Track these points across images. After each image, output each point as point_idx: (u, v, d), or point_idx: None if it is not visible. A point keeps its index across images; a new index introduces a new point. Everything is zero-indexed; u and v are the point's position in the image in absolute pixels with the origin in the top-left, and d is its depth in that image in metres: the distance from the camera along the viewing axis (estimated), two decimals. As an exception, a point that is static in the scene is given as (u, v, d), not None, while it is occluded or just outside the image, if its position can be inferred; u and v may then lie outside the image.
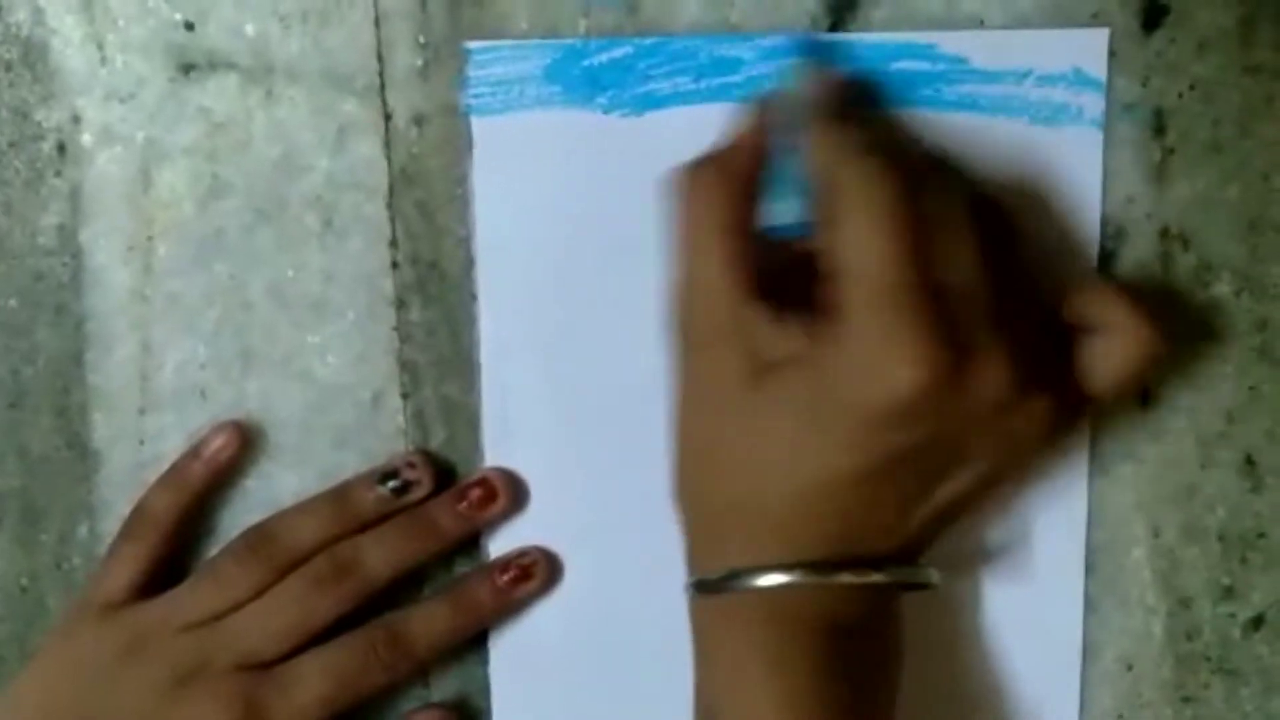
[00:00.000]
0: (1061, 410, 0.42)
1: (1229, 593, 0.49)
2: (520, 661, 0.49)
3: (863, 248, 0.40)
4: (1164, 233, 0.47)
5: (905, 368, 0.39)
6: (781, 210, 0.44)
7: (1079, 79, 0.46)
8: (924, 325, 0.39)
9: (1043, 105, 0.46)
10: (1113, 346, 0.43)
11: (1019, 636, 0.49)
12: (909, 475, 0.41)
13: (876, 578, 0.42)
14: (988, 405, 0.40)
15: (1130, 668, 0.49)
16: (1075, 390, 0.43)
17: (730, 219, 0.42)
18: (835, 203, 0.41)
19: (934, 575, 0.43)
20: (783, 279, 0.42)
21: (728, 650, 0.43)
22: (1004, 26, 0.46)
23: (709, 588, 0.43)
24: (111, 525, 0.49)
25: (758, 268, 0.42)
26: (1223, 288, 0.47)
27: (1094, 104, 0.46)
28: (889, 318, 0.39)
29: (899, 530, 0.42)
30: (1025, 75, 0.46)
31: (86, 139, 0.48)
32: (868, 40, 0.46)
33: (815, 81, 0.45)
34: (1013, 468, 0.43)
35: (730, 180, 0.43)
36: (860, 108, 0.45)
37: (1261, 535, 0.49)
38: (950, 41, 0.46)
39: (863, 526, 0.42)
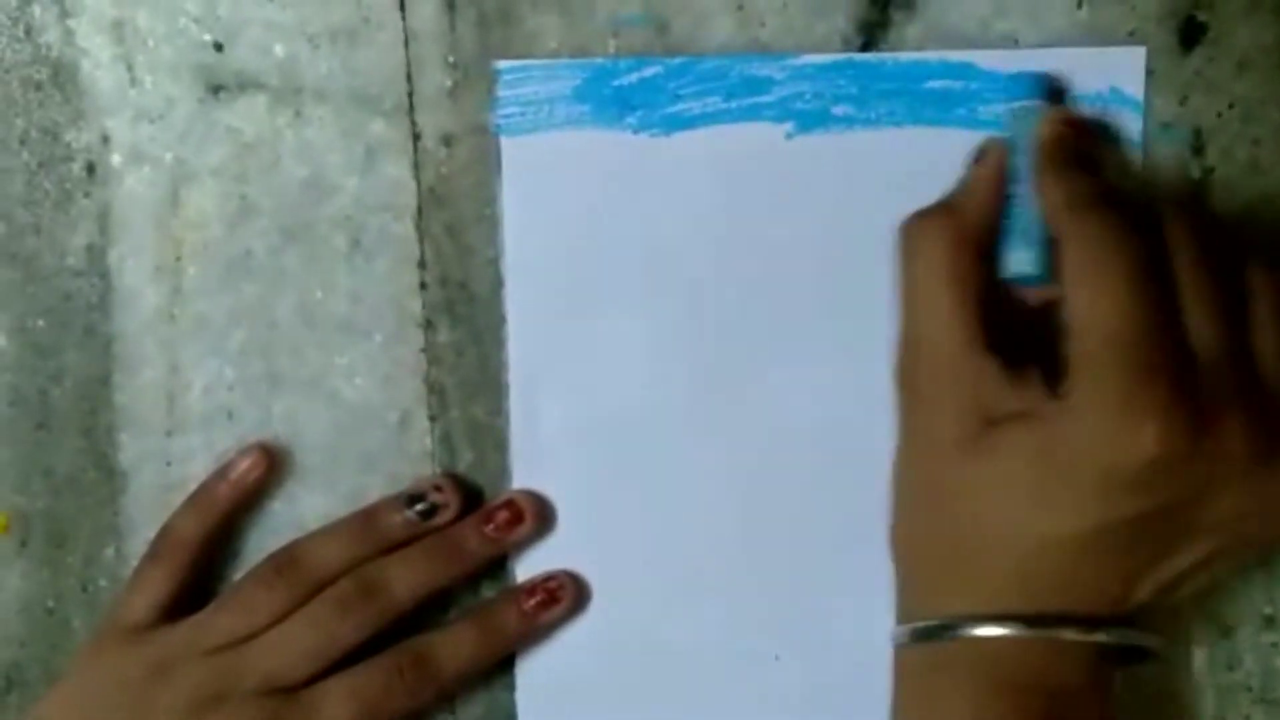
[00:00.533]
0: None
1: (1270, 622, 0.48)
2: (547, 687, 0.49)
3: (1099, 305, 0.38)
4: (1203, 254, 0.46)
5: (1146, 433, 0.38)
6: (1019, 260, 0.42)
7: (1116, 98, 0.45)
8: (1165, 387, 0.38)
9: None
10: None
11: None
12: (1138, 543, 0.40)
13: (1098, 637, 0.40)
14: (1232, 473, 0.39)
15: (1172, 699, 0.48)
16: None
17: (960, 269, 0.41)
18: (1070, 257, 0.39)
19: (1156, 642, 0.42)
20: (1019, 331, 0.41)
21: (933, 704, 0.41)
22: (1039, 45, 0.45)
23: (922, 635, 0.41)
24: (138, 547, 0.49)
25: (992, 319, 0.41)
26: (1263, 310, 0.46)
27: (1132, 123, 0.45)
28: (1129, 378, 0.38)
29: (1125, 597, 0.41)
30: (1062, 94, 0.45)
31: (115, 159, 0.47)
32: (902, 59, 0.45)
33: (1048, 125, 0.43)
34: (1246, 544, 0.42)
35: (960, 229, 0.42)
36: (1099, 151, 0.44)
37: (1304, 563, 0.48)
38: (986, 60, 0.45)
39: (1086, 589, 0.40)
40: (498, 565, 0.48)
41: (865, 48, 0.45)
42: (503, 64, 0.46)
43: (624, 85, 0.46)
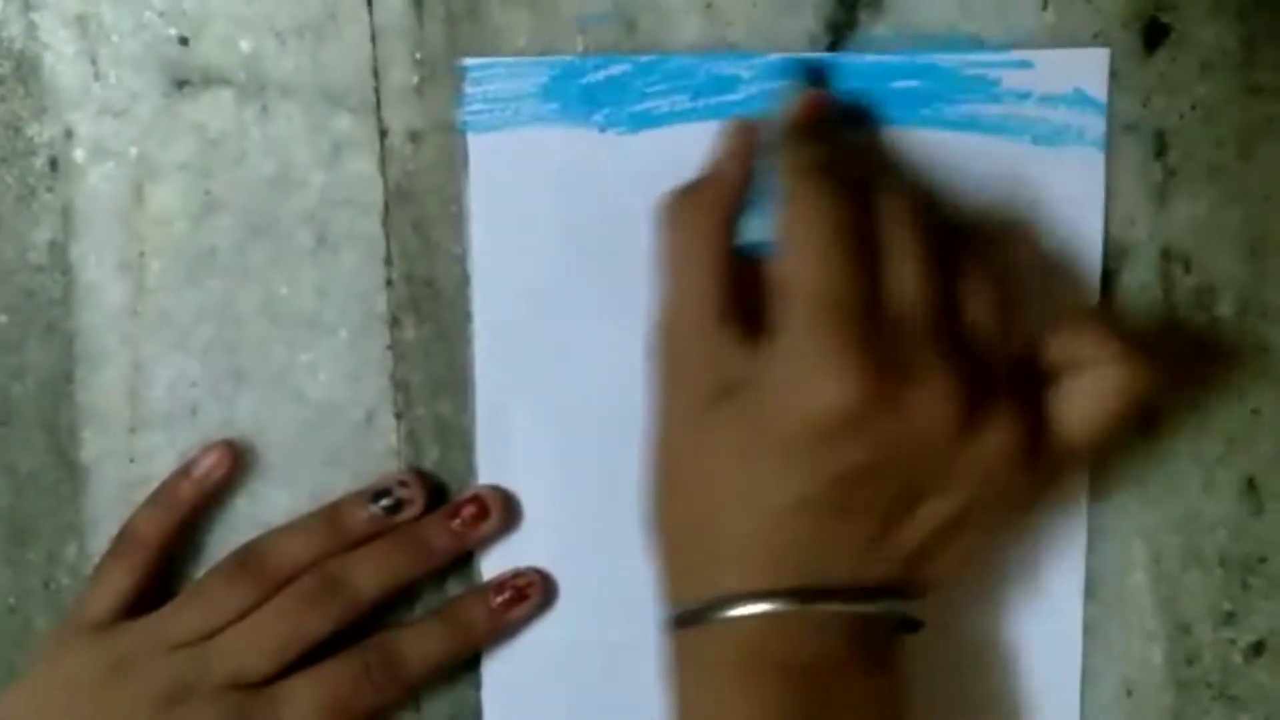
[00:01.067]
0: (1031, 446, 0.41)
1: (1230, 618, 0.49)
2: (513, 685, 0.49)
3: (799, 264, 0.40)
4: (1165, 254, 0.47)
5: (830, 383, 0.38)
6: (760, 227, 0.43)
7: (1080, 99, 0.45)
8: (854, 343, 0.39)
9: (1044, 125, 0.46)
10: (1095, 381, 0.41)
11: (1019, 661, 0.48)
12: (865, 503, 0.40)
13: (857, 608, 0.40)
14: (934, 432, 0.39)
15: (1130, 694, 0.49)
16: (1059, 430, 0.42)
17: (708, 244, 0.42)
18: (781, 217, 0.41)
19: (916, 611, 0.42)
20: (758, 299, 0.42)
21: (703, 689, 0.41)
22: (1005, 46, 0.45)
23: (685, 621, 0.42)
24: (100, 544, 0.48)
25: (740, 289, 0.42)
26: (1224, 309, 0.47)
27: (1095, 124, 0.46)
28: (820, 335, 0.39)
29: (875, 563, 0.41)
30: (1026, 95, 0.45)
31: (79, 154, 0.47)
32: (868, 59, 0.45)
33: (795, 101, 0.44)
34: (992, 502, 0.41)
35: (711, 206, 0.43)
36: (848, 128, 0.45)
37: (1263, 560, 0.48)
38: (951, 61, 0.45)
39: (834, 557, 0.40)
40: (464, 562, 0.48)
41: (833, 47, 0.46)
42: (469, 61, 0.46)
43: (591, 83, 0.46)
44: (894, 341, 0.39)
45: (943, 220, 0.42)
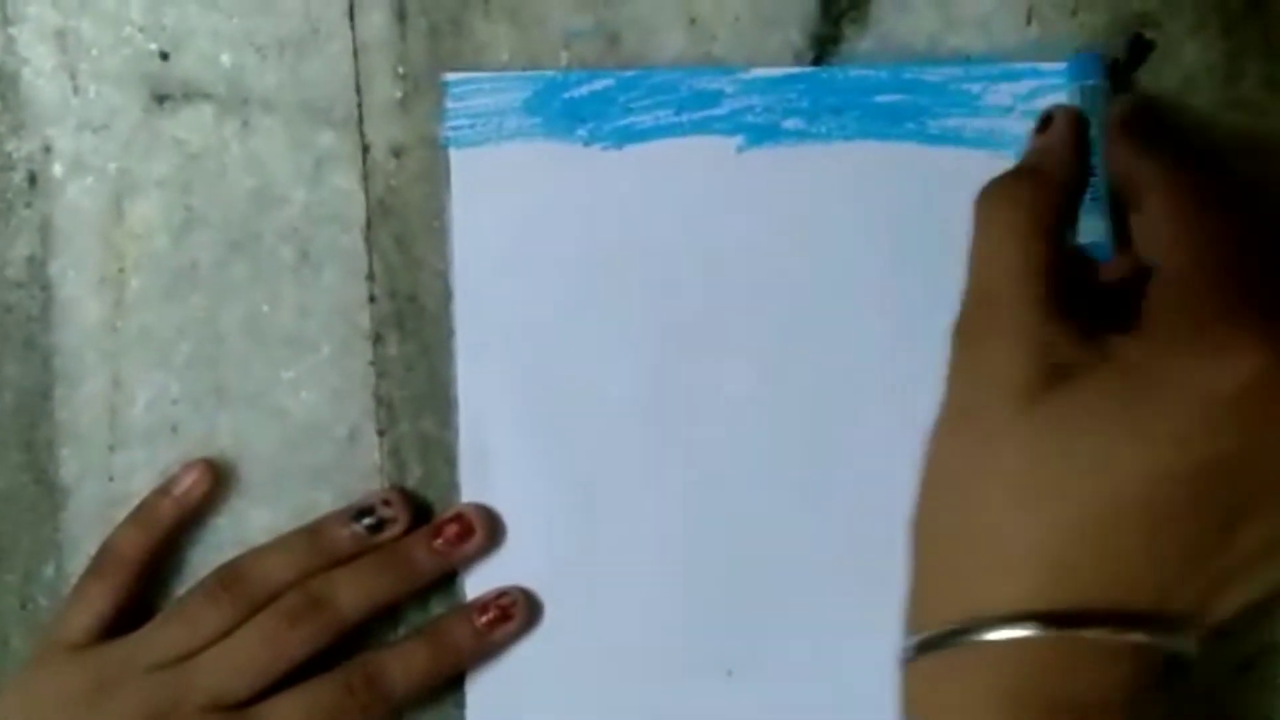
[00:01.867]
0: None
1: (1218, 634, 0.48)
2: (497, 704, 0.48)
3: (1175, 234, 0.37)
4: (1150, 268, 0.47)
5: (1241, 353, 0.34)
6: (1088, 228, 0.41)
7: (1065, 113, 0.45)
8: (1247, 308, 0.35)
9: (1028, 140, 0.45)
10: None
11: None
12: (1208, 508, 0.35)
13: (1133, 636, 0.34)
14: None
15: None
16: None
17: (1038, 230, 0.38)
18: (1155, 202, 0.38)
19: (1189, 650, 0.35)
20: (1090, 302, 0.38)
21: None
22: (989, 60, 0.45)
23: (931, 645, 0.36)
24: (79, 564, 0.48)
25: (1068, 288, 0.38)
26: (1210, 324, 0.47)
27: (1080, 138, 0.45)
28: (1214, 302, 0.35)
29: (1182, 587, 0.35)
30: (1010, 109, 0.45)
31: (58, 169, 0.47)
32: (852, 73, 0.45)
33: (1124, 102, 0.43)
34: None
35: (1040, 192, 0.39)
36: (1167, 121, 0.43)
37: (1250, 575, 0.48)
38: (934, 75, 0.45)
39: (1138, 576, 0.35)
40: (447, 580, 0.48)
41: (817, 61, 0.46)
42: (452, 76, 0.46)
43: (575, 98, 0.46)
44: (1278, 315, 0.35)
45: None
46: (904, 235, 0.46)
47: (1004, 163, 0.45)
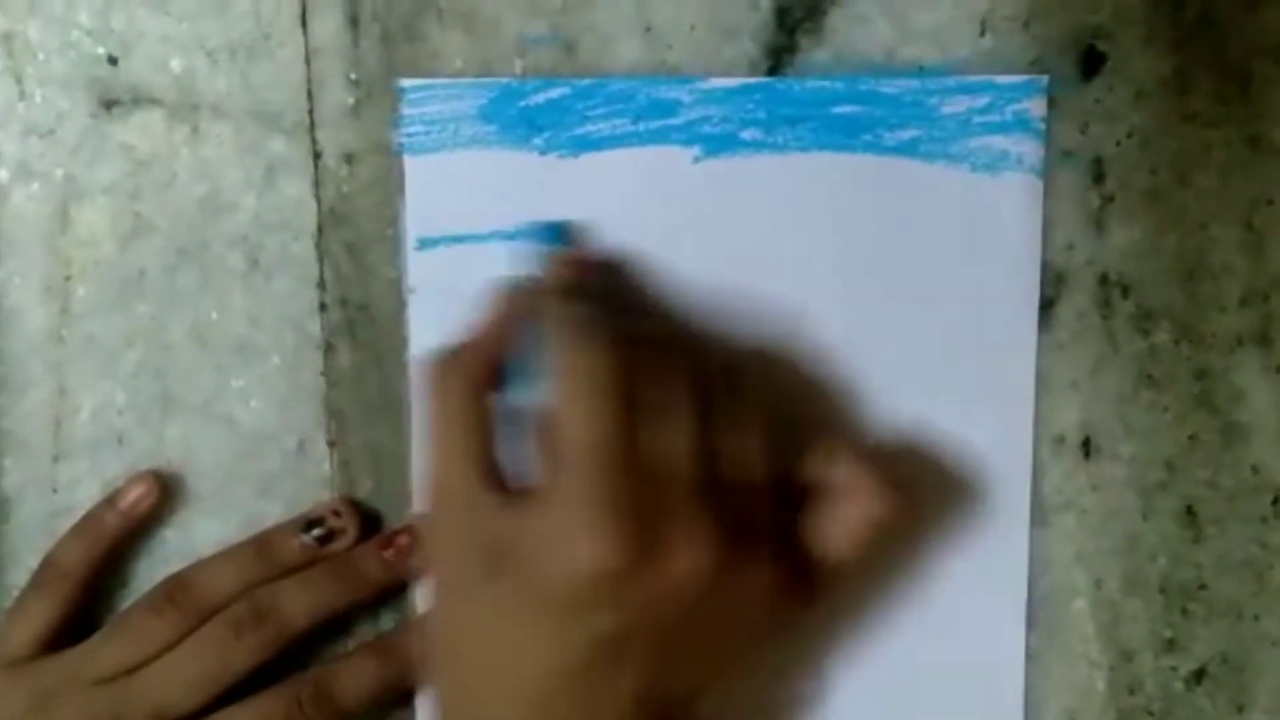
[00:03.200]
0: (787, 577, 0.41)
1: (1171, 645, 0.49)
2: (448, 719, 0.47)
3: (566, 417, 0.39)
4: (1103, 280, 0.47)
5: (590, 543, 0.38)
6: (531, 395, 0.43)
7: (1019, 126, 0.45)
8: (615, 501, 0.38)
9: (983, 152, 0.46)
10: (844, 509, 0.42)
11: (960, 691, 0.48)
12: (629, 661, 0.39)
13: None
14: (695, 585, 0.39)
15: None
16: (815, 554, 0.42)
17: (466, 409, 0.42)
18: (554, 374, 0.40)
19: None
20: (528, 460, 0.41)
21: None
22: (944, 72, 0.45)
23: None
24: (20, 578, 0.47)
25: (507, 451, 0.42)
26: (1162, 335, 0.47)
27: (1034, 151, 0.46)
28: (581, 494, 0.38)
29: (644, 715, 0.40)
30: (965, 121, 0.45)
31: (3, 175, 0.46)
32: (809, 84, 0.45)
33: (556, 261, 0.45)
34: (756, 633, 0.42)
35: (469, 372, 0.42)
36: (611, 281, 0.45)
37: (1202, 587, 0.48)
38: (890, 87, 0.45)
39: (608, 713, 0.40)
40: (397, 593, 0.47)
41: (772, 72, 0.46)
42: (407, 82, 0.45)
43: (531, 106, 0.45)
44: (656, 499, 0.39)
45: (704, 359, 0.42)
46: (860, 246, 0.46)
47: (958, 174, 0.46)
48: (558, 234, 0.45)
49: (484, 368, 0.43)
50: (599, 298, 0.43)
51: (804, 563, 0.42)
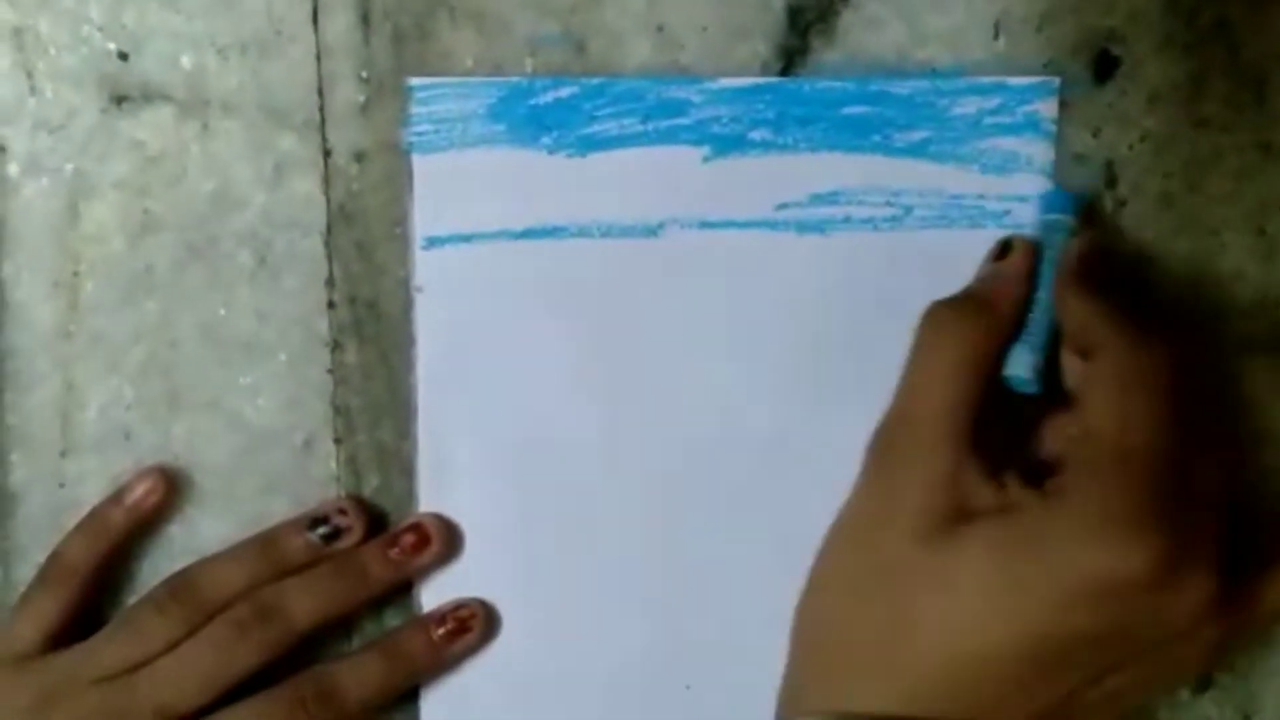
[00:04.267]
0: (1234, 625, 0.40)
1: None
2: (453, 718, 0.47)
3: (1124, 415, 0.38)
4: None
5: (1139, 548, 0.36)
6: (1018, 363, 0.41)
7: (1030, 127, 0.45)
8: (1169, 511, 0.37)
9: (993, 153, 0.45)
10: None
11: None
12: (1081, 664, 0.38)
13: None
14: (1192, 614, 0.38)
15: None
16: (1256, 610, 0.40)
17: (974, 363, 0.40)
18: (1100, 365, 0.39)
19: None
20: (1002, 434, 0.40)
21: None
22: (956, 74, 0.45)
23: None
24: (27, 573, 0.47)
25: (983, 418, 0.40)
26: (1173, 342, 0.47)
27: (1044, 153, 0.45)
28: (1136, 492, 0.37)
29: (1045, 715, 0.38)
30: (976, 123, 0.45)
31: (13, 170, 0.46)
32: (819, 84, 0.45)
33: (1085, 241, 0.43)
34: (1171, 672, 0.41)
35: (985, 326, 0.41)
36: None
37: (1212, 594, 0.48)
38: (901, 87, 0.45)
39: (1010, 703, 0.38)
40: (402, 591, 0.47)
41: (784, 73, 0.45)
42: (416, 81, 0.45)
43: (540, 105, 0.45)
44: (1188, 517, 0.37)
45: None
46: (868, 249, 0.46)
47: (968, 176, 0.45)
48: (1073, 206, 0.44)
49: (1001, 325, 0.41)
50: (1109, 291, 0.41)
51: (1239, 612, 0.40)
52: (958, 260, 0.45)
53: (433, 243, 0.46)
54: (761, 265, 0.46)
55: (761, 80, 0.45)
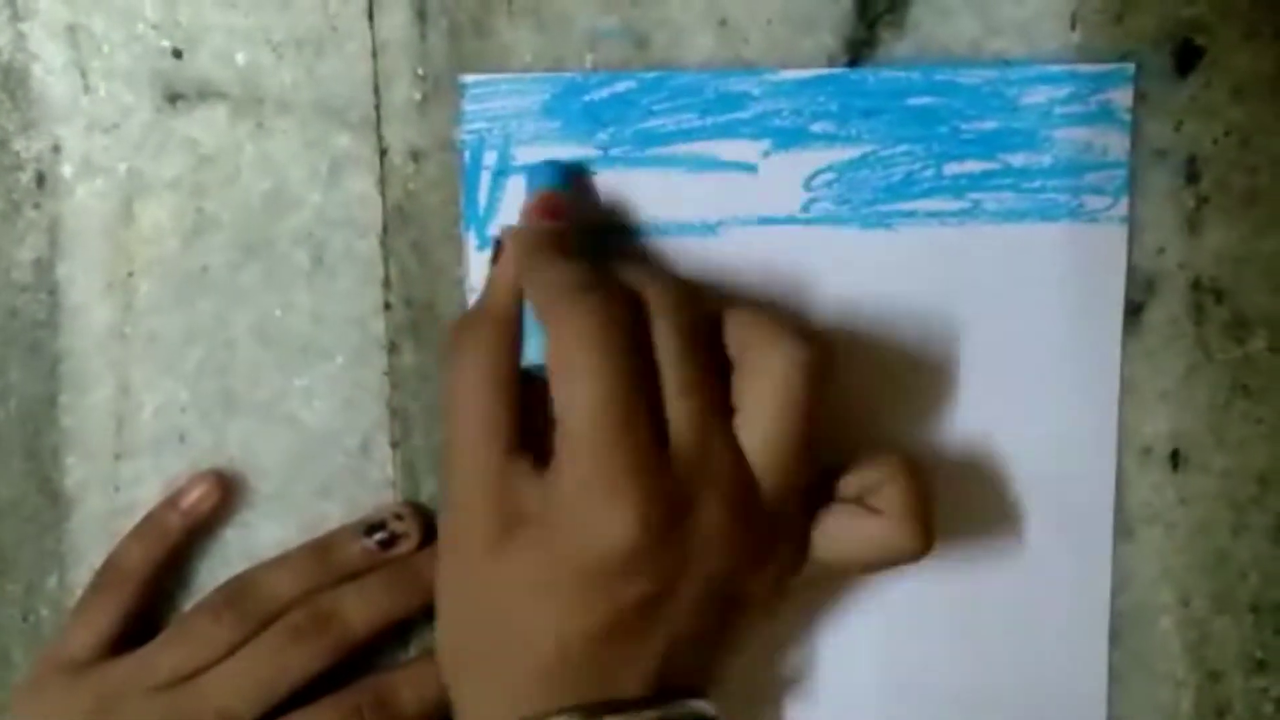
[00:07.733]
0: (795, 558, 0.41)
1: (1261, 666, 0.47)
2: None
3: (575, 392, 0.38)
4: (1196, 285, 0.45)
5: (612, 520, 0.37)
6: (532, 349, 0.41)
7: (1104, 116, 0.44)
8: (633, 476, 0.38)
9: (1065, 144, 0.44)
10: (872, 532, 0.41)
11: (1040, 709, 0.46)
12: (653, 626, 0.39)
13: (647, 716, 0.39)
14: (709, 548, 0.39)
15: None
16: (817, 547, 0.41)
17: (490, 375, 0.40)
18: (550, 346, 0.39)
19: (707, 709, 0.40)
20: (545, 422, 0.40)
21: None
22: (1026, 64, 0.44)
23: None
24: (82, 576, 0.46)
25: (532, 414, 0.40)
26: (1257, 343, 0.45)
27: (1120, 143, 0.44)
28: (599, 468, 0.38)
29: (670, 673, 0.40)
30: (1047, 112, 0.44)
31: (67, 170, 0.45)
32: (883, 75, 0.44)
33: (521, 218, 0.43)
34: (748, 601, 0.41)
35: (489, 336, 0.41)
36: (603, 229, 0.44)
37: (1297, 606, 0.46)
38: (969, 77, 0.44)
39: (627, 674, 0.39)
40: (460, 599, 0.46)
41: (853, 63, 0.44)
42: (469, 77, 0.44)
43: (595, 101, 0.44)
44: (671, 466, 0.38)
45: (711, 313, 0.41)
46: (935, 241, 0.44)
47: (1040, 167, 0.44)
48: (561, 178, 0.44)
49: (500, 330, 0.41)
50: (589, 247, 0.42)
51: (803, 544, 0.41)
52: (1028, 254, 0.44)
53: (486, 244, 0.45)
54: (825, 262, 0.45)
55: (824, 71, 0.44)
